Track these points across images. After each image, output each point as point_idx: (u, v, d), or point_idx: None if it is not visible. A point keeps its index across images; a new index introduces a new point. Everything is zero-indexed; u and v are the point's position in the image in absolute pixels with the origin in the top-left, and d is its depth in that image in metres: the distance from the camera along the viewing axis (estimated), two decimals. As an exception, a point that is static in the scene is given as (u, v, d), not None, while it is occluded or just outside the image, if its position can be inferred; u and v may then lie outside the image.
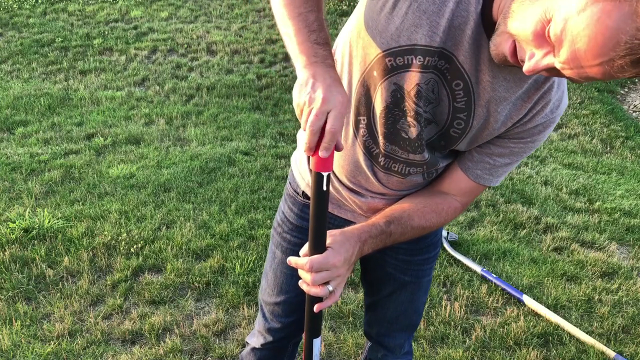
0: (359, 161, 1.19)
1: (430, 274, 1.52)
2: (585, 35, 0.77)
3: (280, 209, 1.49)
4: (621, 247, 3.31)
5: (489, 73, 1.01)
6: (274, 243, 1.49)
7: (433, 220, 1.20)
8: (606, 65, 0.79)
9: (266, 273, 1.53)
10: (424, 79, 1.02)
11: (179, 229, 3.08)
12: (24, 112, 4.69)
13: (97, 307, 2.53)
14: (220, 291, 2.63)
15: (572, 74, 0.84)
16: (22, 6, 7.26)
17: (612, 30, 0.75)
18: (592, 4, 0.76)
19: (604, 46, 0.77)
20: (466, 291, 2.73)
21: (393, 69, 1.03)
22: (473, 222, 3.43)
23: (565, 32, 0.80)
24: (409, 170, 1.19)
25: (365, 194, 1.27)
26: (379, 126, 1.12)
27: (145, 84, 5.48)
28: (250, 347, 1.63)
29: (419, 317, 1.61)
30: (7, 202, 3.30)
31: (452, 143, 1.13)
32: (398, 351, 1.63)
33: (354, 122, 1.14)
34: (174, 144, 4.25)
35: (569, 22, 0.79)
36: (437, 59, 0.99)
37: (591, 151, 4.73)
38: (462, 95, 1.04)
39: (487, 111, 1.06)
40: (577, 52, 0.79)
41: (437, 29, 0.96)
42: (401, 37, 0.98)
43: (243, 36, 6.70)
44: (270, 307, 1.52)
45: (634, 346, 2.46)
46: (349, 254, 1.07)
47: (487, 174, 1.17)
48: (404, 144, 1.14)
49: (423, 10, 0.95)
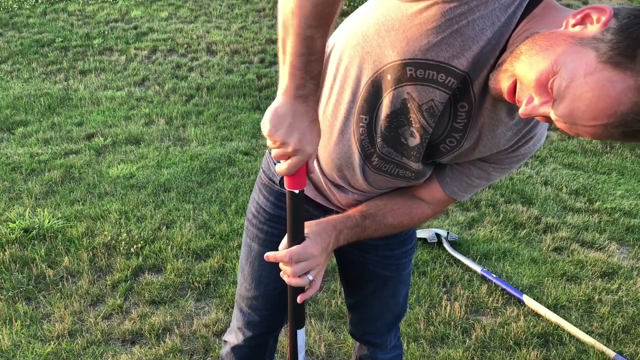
0: (352, 157, 1.18)
1: (409, 266, 1.54)
2: (587, 99, 0.81)
3: (253, 199, 1.45)
4: (621, 247, 3.31)
5: (491, 101, 1.01)
6: (249, 236, 1.46)
7: (405, 222, 1.26)
8: (598, 129, 0.83)
9: (242, 267, 1.49)
10: (439, 97, 1.00)
11: (179, 229, 3.08)
12: (24, 112, 4.69)
13: (97, 307, 2.53)
14: (220, 291, 2.63)
15: (564, 127, 0.87)
16: (22, 6, 7.26)
17: (613, 99, 0.79)
18: (600, 71, 0.79)
19: (602, 112, 0.80)
20: (466, 291, 2.73)
21: (411, 79, 0.99)
22: (473, 222, 3.43)
23: (569, 90, 0.82)
24: (399, 172, 1.19)
25: (347, 190, 1.27)
26: (379, 128, 1.11)
27: (145, 84, 5.48)
28: (230, 346, 1.58)
29: (402, 310, 1.62)
30: (7, 202, 3.30)
31: (436, 156, 1.15)
32: (385, 346, 1.64)
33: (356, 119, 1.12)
34: (174, 144, 4.25)
35: (575, 82, 0.81)
36: (457, 82, 0.98)
37: (591, 151, 4.72)
38: (463, 117, 1.05)
39: (478, 135, 1.08)
40: (576, 111, 0.83)
41: (468, 54, 0.94)
42: (429, 51, 0.95)
43: (243, 36, 6.71)
44: (248, 301, 1.50)
45: (634, 346, 2.46)
46: (325, 242, 1.12)
47: (462, 191, 1.22)
48: (401, 148, 1.13)
49: (461, 32, 0.92)
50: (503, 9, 0.91)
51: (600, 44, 0.80)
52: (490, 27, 0.92)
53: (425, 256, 2.99)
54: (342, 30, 1.11)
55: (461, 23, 0.91)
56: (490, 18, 0.91)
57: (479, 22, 0.91)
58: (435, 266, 2.91)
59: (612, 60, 0.78)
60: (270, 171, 1.39)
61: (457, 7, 0.90)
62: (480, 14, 0.91)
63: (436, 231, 3.13)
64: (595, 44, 0.81)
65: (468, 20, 0.91)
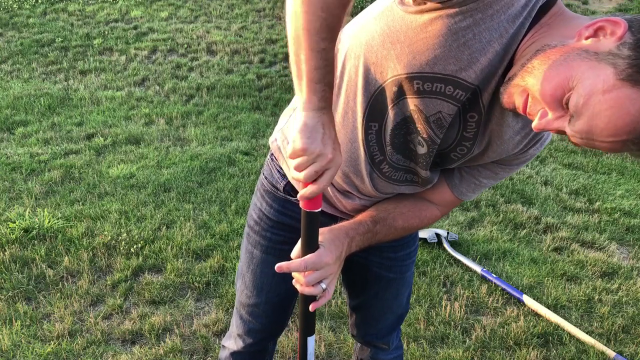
0: (360, 165, 1.18)
1: (412, 268, 1.54)
2: (606, 116, 0.81)
3: (255, 206, 1.43)
4: (621, 247, 3.31)
5: (499, 109, 1.01)
6: (251, 243, 1.43)
7: (414, 224, 1.26)
8: (616, 145, 0.83)
9: (243, 275, 1.47)
10: (448, 109, 1.00)
11: (179, 229, 3.08)
12: (24, 112, 4.69)
13: (97, 307, 2.53)
14: (220, 291, 2.63)
15: (580, 142, 0.87)
16: (22, 6, 7.26)
17: (632, 117, 0.79)
18: (619, 88, 0.79)
19: (621, 129, 0.81)
20: (466, 291, 2.73)
21: (418, 92, 0.99)
22: (473, 222, 3.43)
23: (587, 107, 0.82)
24: (406, 177, 1.19)
25: (354, 196, 1.27)
26: (388, 137, 1.10)
27: (145, 84, 5.48)
28: (230, 352, 1.57)
29: (405, 310, 1.62)
30: (7, 202, 3.30)
31: (447, 163, 1.15)
32: (388, 347, 1.64)
33: (363, 127, 1.11)
34: (174, 144, 4.25)
35: (593, 99, 0.81)
36: (467, 94, 0.97)
37: (591, 151, 4.72)
38: (473, 127, 1.05)
39: (488, 141, 1.08)
40: (594, 128, 0.83)
41: (476, 67, 0.93)
42: (437, 65, 0.94)
43: (243, 36, 6.71)
44: (249, 308, 1.48)
45: (634, 346, 2.46)
46: (339, 251, 1.10)
47: (470, 192, 1.23)
48: (410, 154, 1.13)
49: (468, 46, 0.91)
50: (511, 20, 0.90)
51: (618, 60, 0.80)
52: (498, 39, 0.91)
53: (425, 256, 2.99)
54: (345, 36, 1.09)
55: (467, 36, 0.90)
56: (498, 30, 0.90)
57: (485, 35, 0.90)
58: (435, 266, 2.91)
59: (631, 78, 0.79)
60: (274, 178, 1.36)
61: (462, 21, 0.89)
62: (486, 26, 0.90)
63: (436, 231, 3.13)
64: (612, 59, 0.81)
65: (474, 32, 0.90)
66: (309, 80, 0.93)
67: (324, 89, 0.94)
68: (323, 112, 0.96)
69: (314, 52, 0.91)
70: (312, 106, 0.95)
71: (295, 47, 0.93)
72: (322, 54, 0.91)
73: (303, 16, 0.88)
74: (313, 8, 0.88)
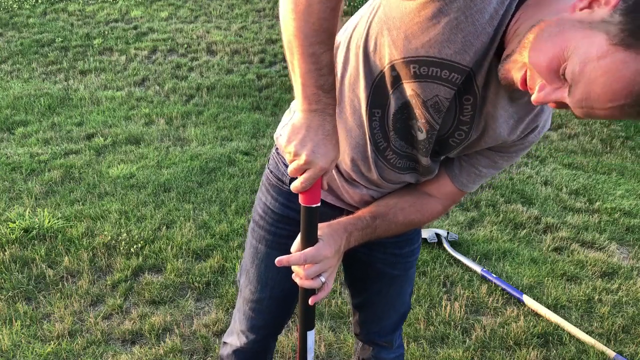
0: (367, 152, 1.19)
1: (414, 265, 1.55)
2: (602, 82, 0.81)
3: (260, 200, 1.43)
4: (621, 247, 3.31)
5: (494, 90, 1.03)
6: (255, 238, 1.43)
7: (416, 219, 1.27)
8: (615, 110, 0.83)
9: (246, 270, 1.47)
10: (445, 93, 1.01)
11: (179, 229, 3.08)
12: (24, 112, 4.69)
13: (97, 307, 2.53)
14: (220, 291, 2.63)
15: (581, 112, 0.88)
16: (22, 6, 7.26)
17: (627, 80, 0.80)
18: (612, 54, 0.80)
19: (618, 94, 0.81)
20: (466, 291, 2.73)
21: (415, 77, 1.01)
22: (473, 222, 3.43)
23: (583, 75, 0.83)
24: (409, 164, 1.21)
25: (361, 186, 1.28)
26: (390, 122, 1.12)
27: (145, 84, 5.48)
28: (232, 349, 1.56)
29: (407, 308, 1.62)
30: (7, 202, 3.30)
31: (446, 151, 1.16)
32: (391, 345, 1.63)
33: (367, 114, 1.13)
34: (174, 144, 4.25)
35: (588, 66, 0.82)
36: (462, 77, 0.99)
37: (591, 151, 4.73)
38: (469, 110, 1.06)
39: (484, 125, 1.09)
40: (592, 94, 0.83)
41: (470, 49, 0.95)
42: (432, 49, 0.96)
43: (243, 36, 6.71)
44: (252, 304, 1.48)
45: (634, 346, 2.46)
46: (337, 245, 1.13)
47: (471, 182, 1.24)
48: (411, 140, 1.15)
49: (461, 28, 0.93)
50: (500, 2, 0.92)
51: (610, 26, 0.81)
52: (489, 21, 0.93)
53: (425, 256, 2.99)
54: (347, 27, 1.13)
55: (460, 19, 0.92)
56: (489, 11, 0.92)
57: (477, 17, 0.92)
58: (435, 266, 2.91)
59: (624, 42, 0.79)
60: (280, 171, 1.37)
61: (453, 2, 0.91)
62: (477, 8, 0.91)
63: (436, 231, 3.13)
64: (605, 26, 0.81)
65: (466, 15, 0.92)
66: (302, 84, 0.98)
67: (315, 92, 0.97)
68: (314, 114, 0.99)
69: (304, 56, 0.95)
70: (304, 108, 0.99)
71: (289, 53, 0.98)
72: (313, 58, 0.95)
73: (292, 23, 0.93)
74: (301, 15, 0.92)
